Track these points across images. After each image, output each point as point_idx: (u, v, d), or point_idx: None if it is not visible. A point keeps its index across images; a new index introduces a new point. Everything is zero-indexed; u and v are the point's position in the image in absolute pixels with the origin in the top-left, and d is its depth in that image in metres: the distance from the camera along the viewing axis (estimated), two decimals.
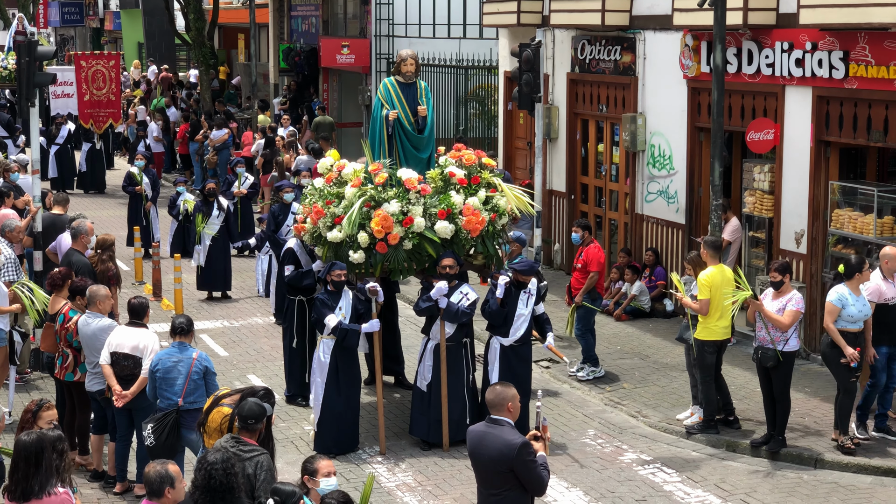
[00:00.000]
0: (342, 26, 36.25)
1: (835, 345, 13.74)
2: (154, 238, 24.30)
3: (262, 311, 20.72)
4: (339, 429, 14.09)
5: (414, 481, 13.35)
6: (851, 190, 16.86)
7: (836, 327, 13.74)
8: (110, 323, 12.90)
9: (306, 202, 14.91)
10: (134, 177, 24.95)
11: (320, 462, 8.77)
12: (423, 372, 14.35)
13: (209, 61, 37.93)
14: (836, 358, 13.76)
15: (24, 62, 17.26)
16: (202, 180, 31.01)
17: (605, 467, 13.74)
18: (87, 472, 13.36)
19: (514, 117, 24.93)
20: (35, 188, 17.86)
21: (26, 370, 16.45)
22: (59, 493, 8.57)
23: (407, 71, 15.06)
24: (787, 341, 13.72)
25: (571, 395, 16.36)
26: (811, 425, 14.70)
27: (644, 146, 20.46)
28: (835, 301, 13.80)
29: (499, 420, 8.96)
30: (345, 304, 14.05)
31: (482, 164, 14.88)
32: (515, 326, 14.25)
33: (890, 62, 15.56)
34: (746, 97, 18.17)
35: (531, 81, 19.32)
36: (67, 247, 16.19)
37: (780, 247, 17.68)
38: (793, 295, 13.85)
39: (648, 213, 20.56)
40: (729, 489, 13.09)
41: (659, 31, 19.95)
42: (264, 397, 10.02)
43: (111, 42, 60.41)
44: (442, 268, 14.09)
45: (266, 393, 10.14)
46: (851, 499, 12.82)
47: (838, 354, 13.70)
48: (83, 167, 34.07)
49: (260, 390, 10.21)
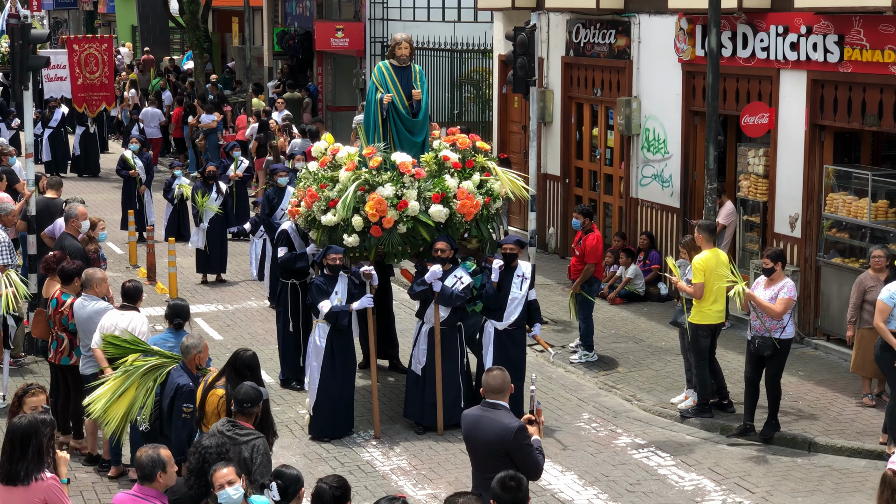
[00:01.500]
0: (336, 10, 36.16)
1: (887, 346, 13.20)
2: (148, 222, 24.29)
3: (256, 294, 20.71)
4: (334, 413, 14.10)
5: (409, 465, 13.36)
6: (846, 174, 16.86)
7: (888, 328, 13.21)
8: (105, 306, 12.88)
9: (300, 186, 14.90)
10: (127, 160, 24.93)
11: (218, 471, 8.24)
12: (418, 356, 14.36)
13: (203, 45, 37.82)
14: (889, 360, 13.24)
15: (18, 45, 17.21)
16: (196, 165, 30.98)
17: (599, 451, 13.76)
18: (81, 455, 13.36)
19: (509, 101, 24.89)
20: (29, 172, 17.82)
21: (20, 354, 16.44)
22: (46, 479, 8.54)
23: (401, 54, 15.03)
24: (783, 329, 13.65)
25: (566, 379, 16.38)
26: (805, 409, 14.73)
27: (639, 130, 20.45)
28: (886, 299, 13.26)
29: (495, 404, 8.97)
30: (341, 288, 14.04)
31: (476, 147, 14.88)
32: (509, 310, 14.25)
33: (885, 46, 15.55)
34: (741, 81, 18.16)
35: (526, 65, 19.27)
36: (62, 230, 16.17)
37: (774, 231, 17.68)
38: (785, 283, 13.71)
39: (643, 197, 20.56)
40: (723, 473, 13.11)
41: (654, 14, 19.92)
42: (250, 364, 10.40)
43: (105, 25, 60.22)
44: (435, 251, 14.08)
45: (252, 357, 10.49)
46: (845, 482, 12.85)
47: (892, 357, 13.19)
48: (77, 151, 33.98)
49: (245, 353, 10.51)
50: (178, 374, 11.14)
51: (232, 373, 10.51)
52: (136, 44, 50.75)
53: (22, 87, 17.55)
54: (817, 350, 17.02)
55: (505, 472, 7.92)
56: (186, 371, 11.12)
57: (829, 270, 16.94)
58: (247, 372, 10.48)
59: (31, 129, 18.28)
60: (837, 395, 15.22)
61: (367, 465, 13.37)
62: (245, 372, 10.47)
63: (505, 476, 7.86)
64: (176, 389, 11.05)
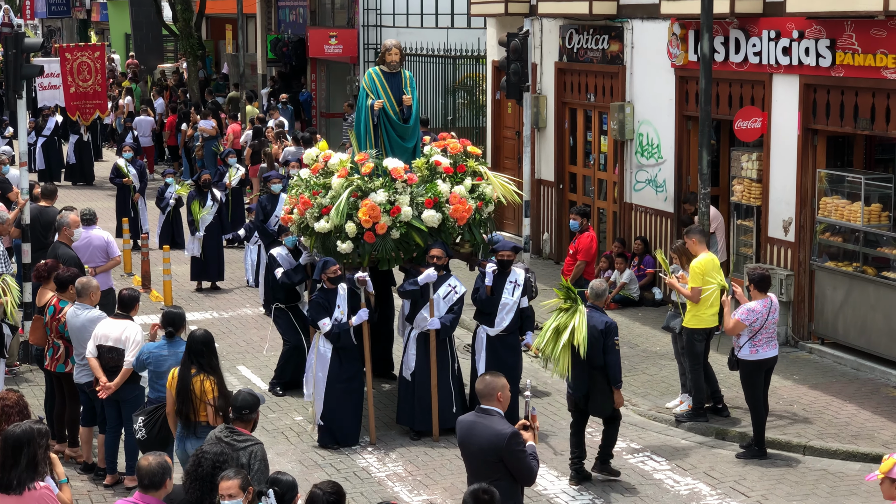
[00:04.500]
0: (330, 16, 36.19)
1: None
2: (143, 229, 24.29)
3: (251, 302, 20.71)
4: (342, 422, 14.03)
5: (404, 471, 13.36)
6: (839, 178, 16.89)
7: None
8: (99, 314, 12.87)
9: (292, 193, 14.91)
10: (121, 169, 24.94)
11: (223, 481, 8.28)
12: (408, 361, 14.36)
13: (196, 52, 37.85)
14: None
15: (11, 54, 17.22)
16: (190, 172, 30.99)
17: (594, 456, 13.75)
18: (77, 464, 13.35)
19: (503, 107, 24.91)
20: (23, 180, 17.82)
21: (15, 363, 16.43)
22: (39, 489, 8.49)
23: (391, 61, 15.04)
24: (740, 348, 13.55)
25: (561, 385, 16.35)
26: (799, 412, 14.74)
27: (632, 135, 20.48)
28: None
29: (488, 410, 8.98)
30: (342, 300, 14.00)
31: (467, 152, 14.90)
32: (500, 317, 14.23)
33: (876, 50, 15.59)
34: (734, 85, 18.19)
35: (519, 71, 19.33)
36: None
37: (768, 235, 17.71)
38: (751, 304, 13.41)
39: (637, 202, 20.57)
40: (718, 477, 13.12)
41: (646, 19, 19.96)
42: (203, 340, 10.96)
43: (98, 33, 60.22)
44: (431, 258, 14.09)
45: (204, 333, 11.02)
46: (840, 486, 12.86)
47: None
48: (71, 159, 33.98)
49: (197, 332, 11.10)
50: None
51: (189, 355, 11.01)
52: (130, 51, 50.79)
53: (15, 96, 17.56)
54: (811, 354, 17.04)
55: (478, 485, 7.97)
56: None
57: (822, 274, 16.96)
58: (203, 349, 10.96)
59: (25, 137, 18.28)
60: (832, 398, 15.24)
61: (362, 471, 13.37)
62: (201, 349, 10.96)
63: (478, 489, 7.91)
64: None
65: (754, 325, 13.37)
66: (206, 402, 10.83)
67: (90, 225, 16.76)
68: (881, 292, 16.05)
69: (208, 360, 10.99)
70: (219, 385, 10.92)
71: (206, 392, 10.86)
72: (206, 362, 10.98)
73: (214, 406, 10.78)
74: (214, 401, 10.81)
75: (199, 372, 10.92)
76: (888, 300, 15.92)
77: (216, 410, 10.76)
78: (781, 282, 17.03)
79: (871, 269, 16.30)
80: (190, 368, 10.99)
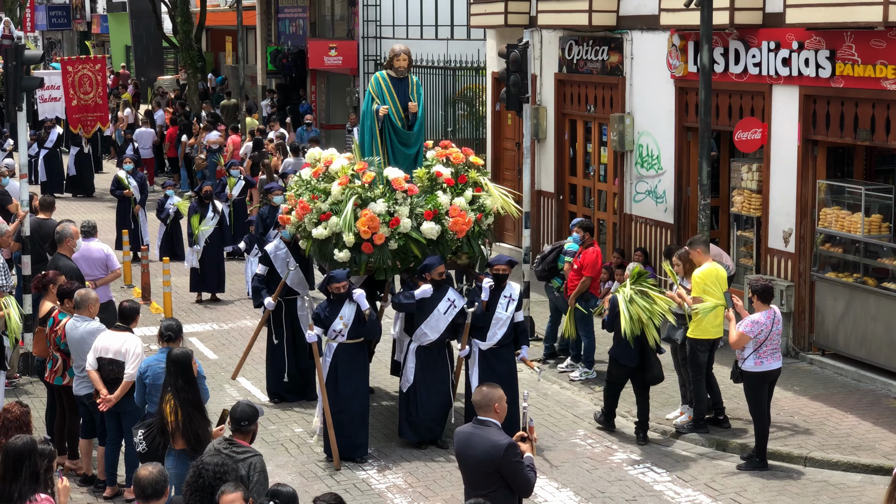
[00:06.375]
0: (330, 28, 36.25)
1: None
2: (143, 241, 24.30)
3: (251, 313, 20.69)
4: (350, 434, 13.98)
5: (404, 483, 13.34)
6: (839, 189, 16.90)
7: None
8: (98, 326, 12.85)
9: (292, 192, 14.84)
10: (121, 181, 24.96)
11: (223, 495, 8.30)
12: (406, 374, 14.31)
13: (196, 64, 37.90)
14: None
15: (11, 66, 17.24)
16: (190, 184, 31.00)
17: (595, 467, 13.75)
18: (76, 476, 13.34)
19: (503, 118, 24.93)
20: (23, 192, 17.83)
21: (15, 375, 16.42)
22: (40, 501, 8.50)
23: (399, 66, 15.00)
24: (744, 360, 13.53)
25: (561, 396, 16.37)
26: (800, 424, 14.72)
27: (632, 146, 20.48)
28: None
29: (485, 421, 8.96)
30: (347, 312, 13.94)
31: (469, 162, 14.83)
32: (493, 331, 14.19)
33: (876, 61, 15.60)
34: (734, 97, 18.20)
35: (519, 82, 19.30)
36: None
37: (768, 246, 17.70)
38: (754, 315, 13.40)
39: (637, 213, 20.57)
40: (719, 488, 13.10)
41: (646, 31, 19.98)
42: (177, 360, 11.01)
43: (98, 45, 60.32)
44: (440, 275, 14.01)
45: (181, 353, 11.10)
46: (841, 497, 12.84)
47: None
48: (72, 171, 34.00)
49: (174, 352, 11.19)
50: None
51: (170, 370, 11.08)
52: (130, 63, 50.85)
53: (16, 108, 17.58)
54: (812, 365, 17.03)
55: (474, 500, 7.97)
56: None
57: (823, 285, 16.96)
58: (171, 367, 11.03)
59: (25, 149, 18.29)
60: (833, 409, 15.22)
61: (362, 483, 13.35)
62: (170, 368, 11.04)
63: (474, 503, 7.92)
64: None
65: (759, 337, 13.35)
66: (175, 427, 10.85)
67: (89, 237, 16.75)
68: (882, 303, 16.04)
69: (174, 381, 10.97)
70: (182, 407, 10.80)
71: (167, 415, 10.85)
72: (172, 382, 10.99)
73: (179, 430, 10.78)
74: (176, 424, 10.79)
75: (171, 394, 10.96)
76: (889, 311, 15.91)
77: (181, 434, 10.77)
78: (782, 293, 17.02)
79: (871, 279, 16.30)
80: (166, 392, 10.99)
